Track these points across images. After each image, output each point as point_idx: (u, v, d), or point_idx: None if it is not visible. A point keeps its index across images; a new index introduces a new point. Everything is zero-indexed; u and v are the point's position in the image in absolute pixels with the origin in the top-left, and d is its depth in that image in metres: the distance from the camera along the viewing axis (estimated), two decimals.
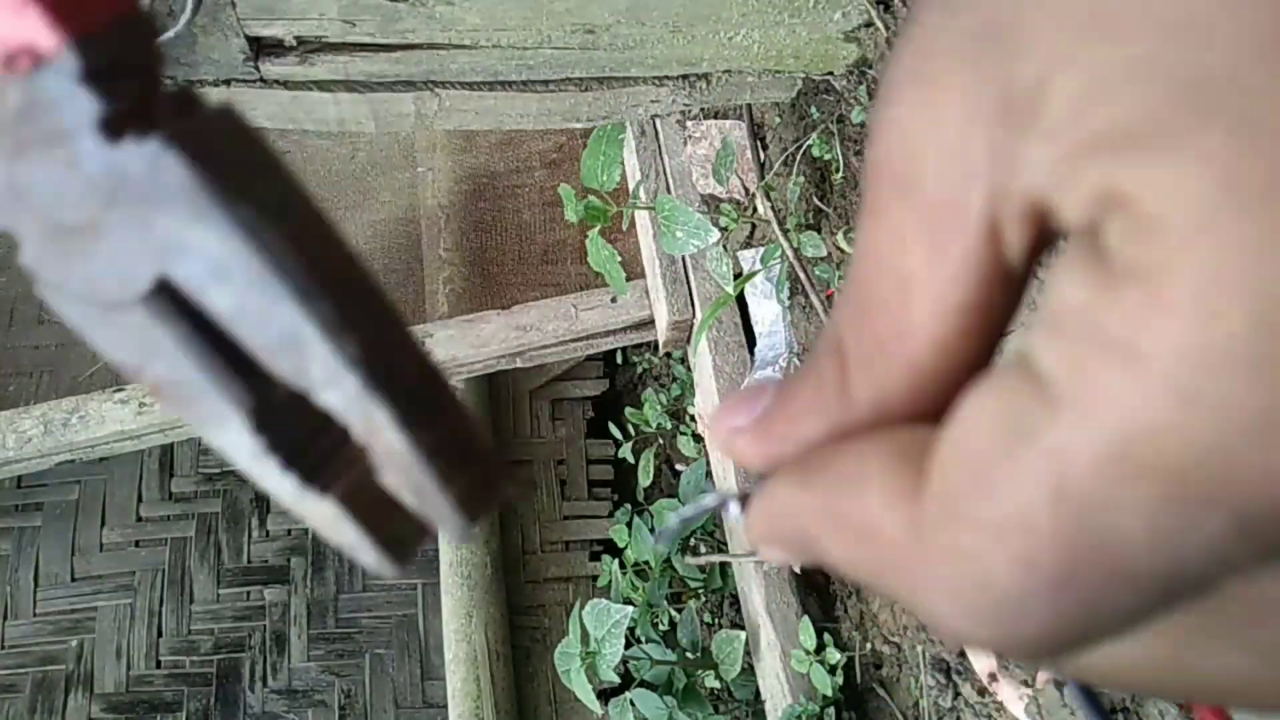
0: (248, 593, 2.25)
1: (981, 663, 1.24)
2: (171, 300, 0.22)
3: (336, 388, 0.22)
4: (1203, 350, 0.13)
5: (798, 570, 1.54)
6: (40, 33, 0.21)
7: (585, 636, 1.39)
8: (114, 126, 0.21)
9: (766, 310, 1.66)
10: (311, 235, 0.22)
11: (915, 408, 0.18)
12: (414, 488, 0.23)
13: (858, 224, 0.18)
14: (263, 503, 2.32)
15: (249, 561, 2.28)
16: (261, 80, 1.03)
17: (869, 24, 1.21)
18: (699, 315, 1.67)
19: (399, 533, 0.24)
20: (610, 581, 1.74)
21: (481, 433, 0.24)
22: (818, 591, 1.64)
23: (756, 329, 1.68)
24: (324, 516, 0.24)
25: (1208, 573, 0.14)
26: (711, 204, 1.72)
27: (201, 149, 0.21)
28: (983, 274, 0.17)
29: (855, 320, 0.19)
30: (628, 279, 1.31)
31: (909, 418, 0.19)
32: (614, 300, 1.76)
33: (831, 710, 1.40)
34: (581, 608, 1.41)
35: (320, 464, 0.24)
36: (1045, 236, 0.16)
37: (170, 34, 0.91)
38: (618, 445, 2.07)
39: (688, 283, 1.70)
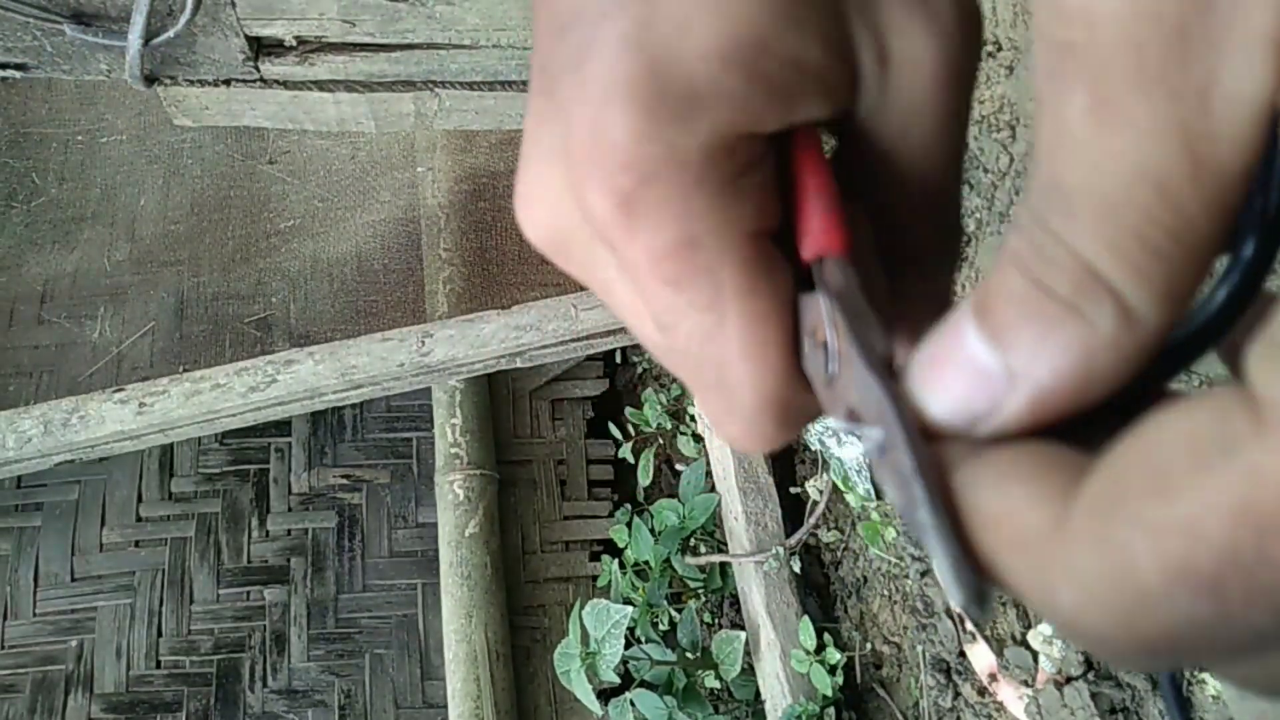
0: (248, 593, 2.25)
1: (981, 663, 1.24)
2: None
3: None
4: None
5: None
6: None
7: (585, 637, 1.39)
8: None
9: None
10: None
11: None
12: None
13: (1037, 104, 0.17)
14: (263, 503, 2.32)
15: (249, 561, 2.27)
16: (261, 80, 1.03)
17: None
18: None
19: None
20: (610, 581, 1.74)
21: None
22: (818, 591, 1.64)
23: None
24: None
25: None
26: None
27: None
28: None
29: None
30: None
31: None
32: None
33: (831, 710, 1.40)
34: (581, 608, 1.41)
35: None
36: None
37: (170, 34, 0.91)
38: (618, 445, 2.07)
39: None
